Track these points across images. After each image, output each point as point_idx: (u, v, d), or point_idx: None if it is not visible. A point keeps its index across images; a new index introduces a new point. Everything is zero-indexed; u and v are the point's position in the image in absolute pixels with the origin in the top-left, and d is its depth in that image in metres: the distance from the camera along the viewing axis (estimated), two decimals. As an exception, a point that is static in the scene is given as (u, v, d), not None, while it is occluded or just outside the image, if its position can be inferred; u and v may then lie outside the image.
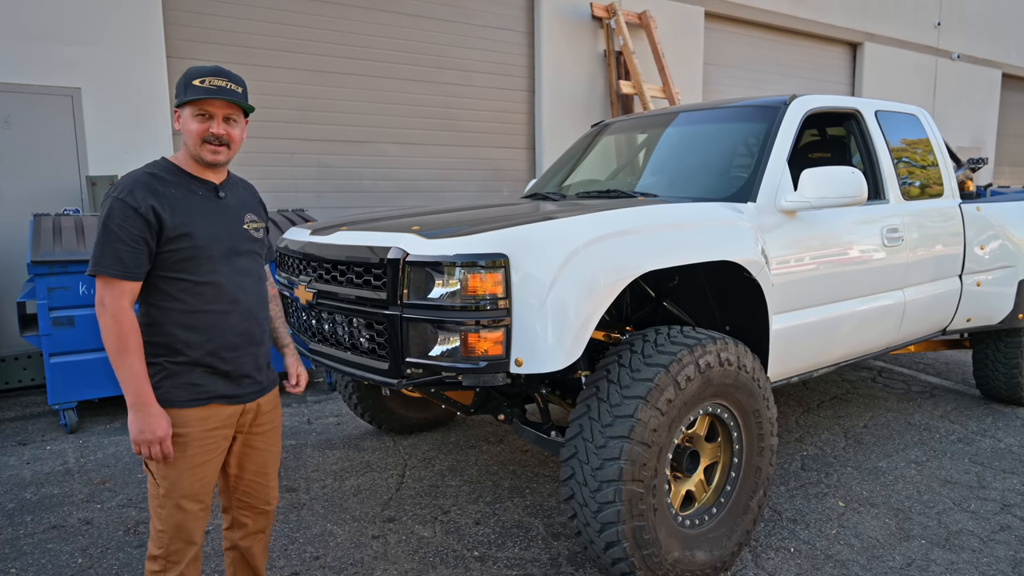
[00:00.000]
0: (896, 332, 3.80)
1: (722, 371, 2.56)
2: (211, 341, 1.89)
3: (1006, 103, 14.51)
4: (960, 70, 13.12)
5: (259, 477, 2.10)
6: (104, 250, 1.76)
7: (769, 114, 3.46)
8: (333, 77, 6.94)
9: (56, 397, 4.42)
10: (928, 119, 4.33)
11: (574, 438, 2.45)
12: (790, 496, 3.46)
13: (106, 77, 5.72)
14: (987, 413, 4.74)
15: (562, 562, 2.85)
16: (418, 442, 4.24)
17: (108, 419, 4.72)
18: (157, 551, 1.90)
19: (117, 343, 1.75)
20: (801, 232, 3.16)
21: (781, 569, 2.79)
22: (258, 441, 2.07)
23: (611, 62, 8.43)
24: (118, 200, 1.78)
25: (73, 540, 3.06)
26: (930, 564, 2.83)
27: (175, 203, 1.84)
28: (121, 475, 3.77)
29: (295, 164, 6.80)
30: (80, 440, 4.33)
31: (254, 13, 6.47)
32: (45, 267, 4.27)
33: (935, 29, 12.54)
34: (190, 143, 1.89)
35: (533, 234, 2.40)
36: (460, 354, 2.34)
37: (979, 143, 13.70)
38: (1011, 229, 4.49)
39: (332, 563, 2.86)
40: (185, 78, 1.88)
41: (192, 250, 1.84)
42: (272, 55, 6.57)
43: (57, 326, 4.36)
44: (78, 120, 5.64)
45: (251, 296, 1.99)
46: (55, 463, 3.95)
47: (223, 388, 1.93)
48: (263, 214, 2.15)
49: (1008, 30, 14.03)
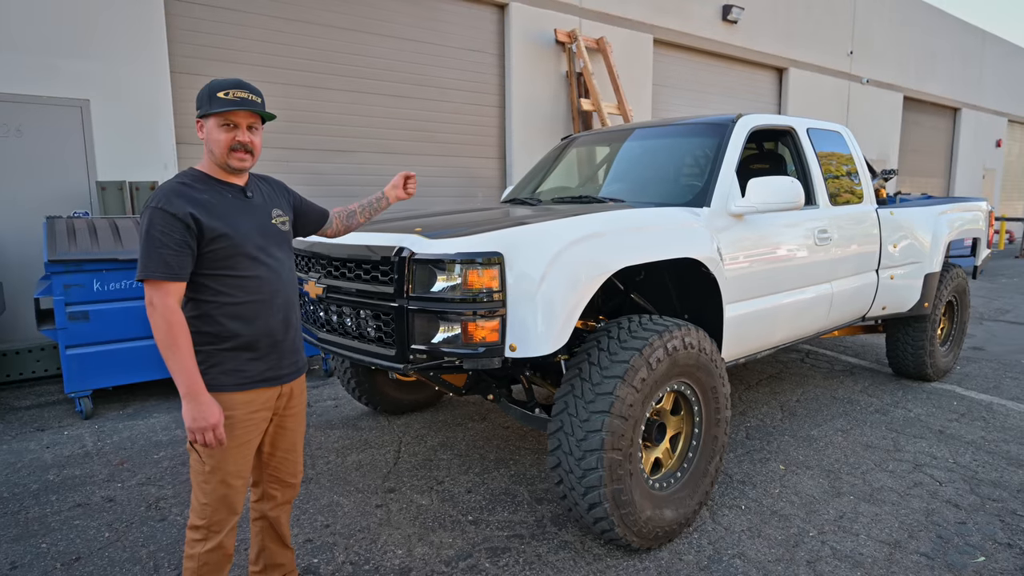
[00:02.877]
0: (826, 319, 3.95)
1: (686, 353, 2.64)
2: (256, 328, 1.88)
3: (907, 121, 15.11)
4: (869, 93, 13.61)
5: (289, 454, 2.10)
6: (150, 256, 1.72)
7: (719, 130, 3.56)
8: (322, 92, 6.85)
9: (72, 385, 4.29)
10: (850, 135, 4.50)
11: (560, 414, 2.50)
12: (738, 461, 3.57)
13: (114, 89, 5.53)
14: (898, 388, 4.97)
15: (546, 523, 2.90)
16: (410, 421, 4.25)
17: (121, 405, 4.60)
18: (200, 521, 1.88)
19: (168, 339, 1.73)
20: (748, 233, 3.27)
21: (735, 523, 2.90)
22: (289, 422, 2.07)
23: (572, 82, 8.50)
24: (158, 210, 1.75)
25: (98, 516, 2.99)
26: (858, 516, 2.97)
27: (210, 208, 1.82)
28: (138, 456, 3.69)
29: (290, 171, 6.69)
30: (96, 425, 4.21)
31: (249, 32, 6.33)
32: (61, 266, 4.13)
33: (848, 57, 12.97)
34: (217, 151, 1.86)
35: (525, 235, 2.44)
36: (460, 341, 2.37)
37: (885, 156, 14.24)
38: (918, 231, 4.69)
39: (341, 530, 2.86)
40: (209, 90, 1.84)
41: (230, 248, 1.83)
42: (266, 71, 6.45)
43: (73, 320, 4.22)
44: (87, 129, 5.45)
45: (287, 284, 1.99)
46: (74, 447, 3.84)
47: (265, 372, 1.92)
48: (287, 203, 2.12)
49: (909, 59, 14.60)
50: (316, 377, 5.37)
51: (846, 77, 12.98)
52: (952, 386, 5.01)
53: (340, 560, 2.61)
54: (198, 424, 1.75)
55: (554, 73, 8.46)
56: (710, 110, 10.55)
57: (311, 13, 6.67)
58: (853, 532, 2.82)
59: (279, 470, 2.10)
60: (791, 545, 2.71)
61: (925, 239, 4.71)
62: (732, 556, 2.63)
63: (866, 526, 2.87)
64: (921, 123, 15.68)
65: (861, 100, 13.41)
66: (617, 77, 8.47)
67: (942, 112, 16.41)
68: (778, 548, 2.69)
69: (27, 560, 2.63)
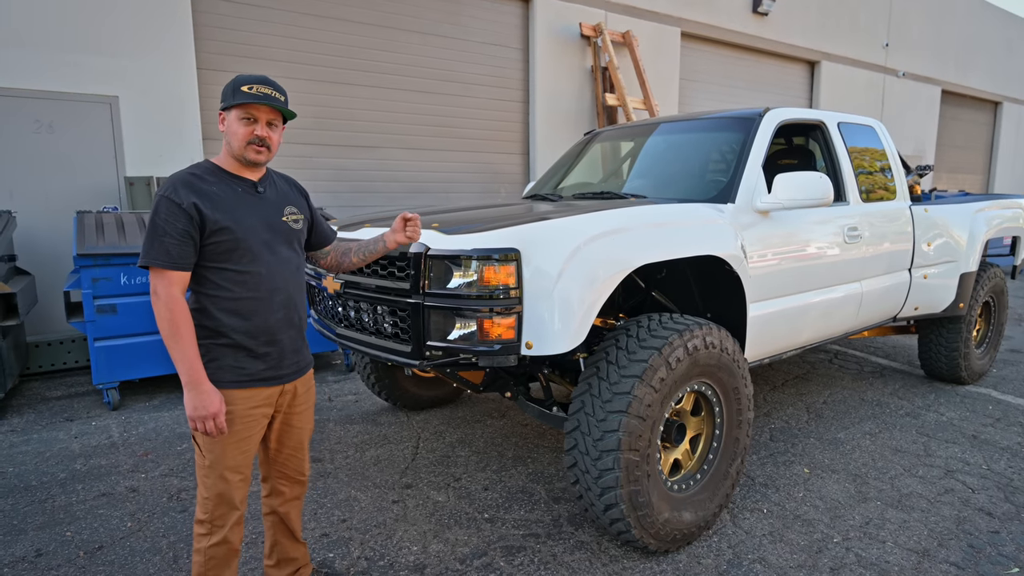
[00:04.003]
0: (855, 319, 3.85)
1: (707, 353, 2.59)
2: (253, 325, 1.88)
3: (944, 116, 14.66)
4: (905, 86, 13.23)
5: (296, 452, 2.11)
6: (153, 243, 1.75)
7: (746, 124, 3.48)
8: (347, 88, 6.89)
9: (100, 377, 4.39)
10: (883, 130, 4.37)
11: (577, 412, 2.47)
12: (761, 464, 3.51)
13: (142, 87, 5.64)
14: (930, 391, 4.82)
15: (563, 523, 2.88)
16: (429, 417, 4.26)
17: (147, 397, 4.70)
18: (203, 516, 1.90)
19: (170, 328, 1.74)
20: (774, 230, 3.19)
21: (756, 527, 2.84)
22: (295, 420, 2.08)
23: (597, 76, 8.42)
24: (164, 198, 1.77)
25: (121, 506, 3.05)
26: (885, 522, 2.89)
27: (215, 200, 1.82)
28: (162, 447, 3.76)
29: (314, 167, 6.76)
30: (123, 416, 4.30)
31: (274, 28, 6.40)
32: (90, 259, 4.23)
33: (884, 49, 12.63)
34: (235, 143, 1.87)
35: (542, 231, 2.41)
36: (476, 338, 2.35)
37: (921, 152, 13.84)
38: (953, 229, 4.55)
39: (358, 525, 2.87)
40: (234, 84, 1.85)
41: (232, 242, 1.83)
42: (290, 67, 6.51)
43: (101, 313, 4.32)
44: (116, 126, 5.57)
45: (290, 283, 1.97)
46: (101, 437, 3.93)
47: (264, 371, 1.92)
48: (305, 205, 2.11)
49: (948, 50, 14.15)
50: (337, 372, 5.42)
51: (881, 70, 12.64)
52: (987, 390, 4.85)
53: (355, 555, 2.63)
54: (199, 413, 1.76)
55: (579, 68, 8.39)
56: (738, 104, 10.36)
57: (336, 9, 6.72)
58: (879, 539, 2.74)
59: (286, 467, 2.12)
60: (814, 551, 2.65)
61: (961, 237, 4.57)
62: (752, 561, 2.58)
63: (893, 533, 2.79)
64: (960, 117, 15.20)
65: (897, 94, 13.05)
66: (643, 71, 8.37)
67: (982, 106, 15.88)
68: (800, 554, 2.63)
69: (52, 548, 2.70)
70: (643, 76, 8.36)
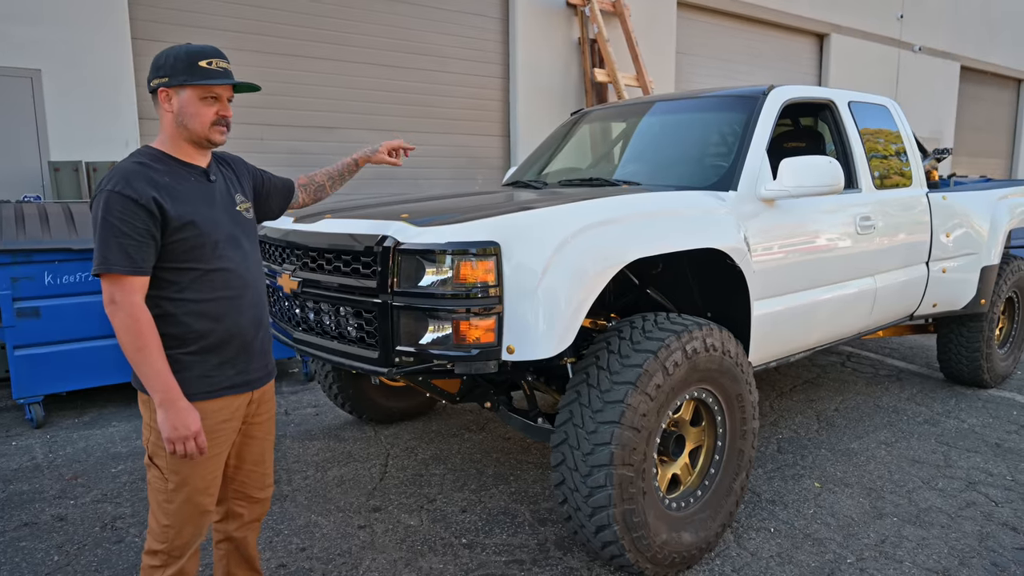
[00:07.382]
0: (868, 317, 3.92)
1: (708, 356, 2.62)
2: (224, 328, 1.87)
3: (964, 95, 14.97)
4: (921, 62, 13.49)
5: (257, 466, 2.10)
6: (109, 246, 1.69)
7: (748, 104, 3.52)
8: (303, 61, 6.84)
9: (21, 391, 4.30)
10: (898, 110, 4.45)
11: (564, 424, 2.48)
12: (768, 478, 3.56)
13: (68, 58, 5.54)
14: (951, 395, 4.93)
15: (550, 547, 2.89)
16: (400, 431, 4.25)
17: (76, 413, 4.61)
18: (160, 546, 1.87)
19: (136, 341, 1.70)
20: (781, 220, 3.24)
21: (763, 548, 2.88)
22: (257, 431, 2.07)
23: (585, 50, 8.46)
24: (115, 193, 1.71)
25: (47, 537, 2.99)
26: (902, 540, 2.95)
27: (174, 192, 1.80)
28: (93, 470, 3.70)
29: (265, 151, 6.69)
30: (48, 435, 4.22)
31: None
32: (8, 256, 4.14)
33: (898, 22, 12.86)
34: (197, 126, 1.83)
35: (524, 222, 2.42)
36: (452, 342, 2.35)
37: (938, 133, 14.13)
38: (974, 218, 4.65)
39: (319, 553, 2.86)
40: (187, 58, 1.81)
41: (197, 238, 1.81)
42: (239, 37, 6.44)
43: (22, 317, 4.23)
44: (38, 103, 5.46)
45: (257, 278, 1.99)
46: (22, 459, 3.85)
47: (234, 377, 1.91)
48: (248, 184, 2.13)
49: (968, 24, 14.45)
50: (295, 381, 5.38)
51: (896, 44, 12.87)
52: (1012, 393, 4.97)
53: (317, 587, 2.61)
54: (179, 433, 1.74)
55: (564, 40, 8.41)
56: (741, 81, 10.48)
57: (290, -28, 6.66)
58: (896, 559, 2.80)
59: (246, 484, 2.10)
60: (826, 573, 2.69)
61: (982, 227, 4.67)
62: (759, 585, 2.61)
63: (911, 552, 2.85)
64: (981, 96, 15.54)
65: (912, 70, 13.30)
66: (636, 44, 8.42)
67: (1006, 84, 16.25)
68: (811, 577, 2.67)
69: (-32, 585, 2.64)
70: (636, 49, 8.41)
